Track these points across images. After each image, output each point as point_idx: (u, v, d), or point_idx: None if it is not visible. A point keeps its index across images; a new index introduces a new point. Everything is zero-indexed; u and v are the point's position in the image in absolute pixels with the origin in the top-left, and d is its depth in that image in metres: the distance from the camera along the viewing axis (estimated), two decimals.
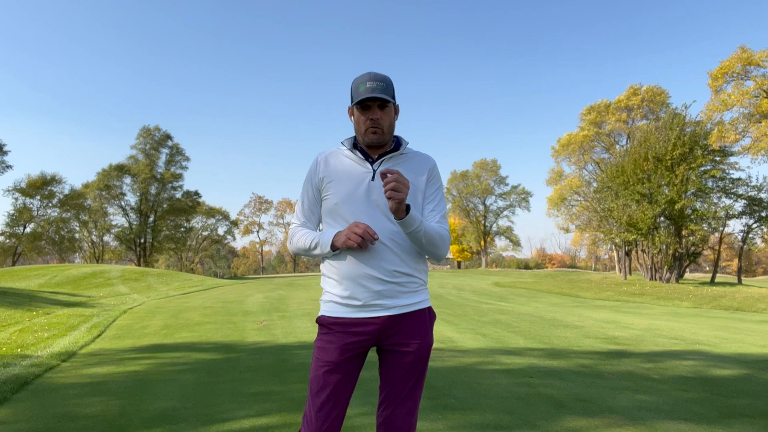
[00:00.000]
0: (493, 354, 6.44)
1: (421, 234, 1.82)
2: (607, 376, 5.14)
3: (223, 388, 4.59)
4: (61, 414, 3.83)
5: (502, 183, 63.37)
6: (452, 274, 39.99)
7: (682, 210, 27.03)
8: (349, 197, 1.88)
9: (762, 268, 78.28)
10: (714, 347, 7.12)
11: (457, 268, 61.66)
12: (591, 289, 23.34)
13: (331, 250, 1.85)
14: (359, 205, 1.87)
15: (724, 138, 27.11)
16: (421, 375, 1.91)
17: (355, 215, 1.86)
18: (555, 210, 46.44)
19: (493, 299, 18.33)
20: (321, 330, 1.93)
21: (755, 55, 26.46)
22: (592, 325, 9.63)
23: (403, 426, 1.86)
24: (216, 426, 3.50)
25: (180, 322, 9.97)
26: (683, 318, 12.27)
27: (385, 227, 1.84)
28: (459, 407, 3.92)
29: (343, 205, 1.88)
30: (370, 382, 2.49)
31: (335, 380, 1.83)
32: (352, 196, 1.88)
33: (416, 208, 1.91)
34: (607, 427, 3.51)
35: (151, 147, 53.19)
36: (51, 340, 7.48)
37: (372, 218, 1.85)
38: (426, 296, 1.97)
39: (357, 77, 1.89)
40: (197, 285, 23.56)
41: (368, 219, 1.85)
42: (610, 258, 59.28)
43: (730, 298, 18.21)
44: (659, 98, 38.80)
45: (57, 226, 49.03)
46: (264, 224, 76.14)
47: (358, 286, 1.84)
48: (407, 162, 1.96)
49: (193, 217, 58.57)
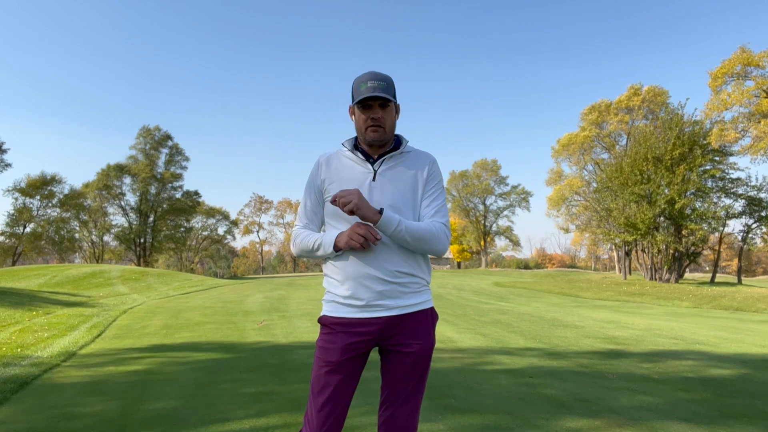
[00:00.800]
0: (493, 354, 6.44)
1: (403, 233, 1.81)
2: (607, 376, 5.14)
3: (223, 388, 4.59)
4: (61, 414, 3.83)
5: (502, 183, 63.42)
6: (452, 274, 40.00)
7: (682, 210, 27.03)
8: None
9: (762, 268, 78.30)
10: (714, 347, 7.12)
11: (457, 268, 61.69)
12: (591, 289, 23.34)
13: (333, 250, 1.85)
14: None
15: (723, 137, 27.10)
16: (422, 375, 1.90)
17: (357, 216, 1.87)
18: (555, 210, 46.47)
19: (493, 299, 18.33)
20: (323, 330, 1.93)
21: (755, 56, 26.46)
22: (592, 325, 9.63)
23: (404, 426, 1.86)
24: (216, 426, 3.50)
25: (180, 322, 9.97)
26: (683, 318, 12.27)
27: None
28: (459, 407, 3.92)
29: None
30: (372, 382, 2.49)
31: (337, 380, 1.83)
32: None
33: (411, 206, 1.91)
34: (607, 427, 3.51)
35: (151, 147, 53.20)
36: (51, 340, 7.48)
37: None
38: (428, 297, 1.97)
39: (358, 76, 1.90)
40: (197, 285, 23.55)
41: None
42: (610, 258, 59.31)
43: (730, 298, 18.21)
44: (660, 98, 38.79)
45: (57, 226, 49.04)
46: (264, 224, 76.31)
47: (360, 286, 1.84)
48: (408, 160, 1.96)
49: (193, 217, 58.58)
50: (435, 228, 1.87)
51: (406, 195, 1.90)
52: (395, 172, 1.92)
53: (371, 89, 1.83)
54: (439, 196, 1.96)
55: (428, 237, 1.84)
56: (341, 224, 1.90)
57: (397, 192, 1.89)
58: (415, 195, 1.92)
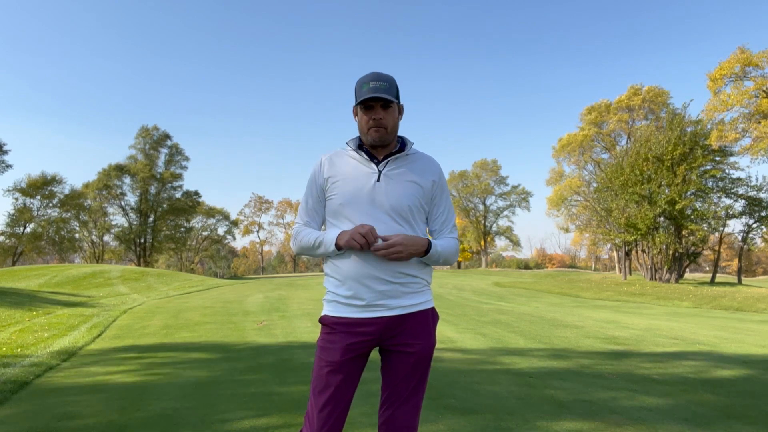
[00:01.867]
0: (493, 354, 6.44)
1: (439, 258, 1.92)
2: (607, 376, 5.13)
3: (223, 388, 4.59)
4: (61, 414, 3.83)
5: (502, 183, 63.38)
6: (452, 274, 39.98)
7: (683, 210, 27.02)
8: (354, 198, 1.87)
9: (762, 268, 78.28)
10: (714, 347, 7.12)
11: (457, 268, 61.65)
12: (591, 289, 23.33)
13: (335, 249, 1.85)
14: (363, 205, 1.86)
15: (723, 138, 27.09)
16: (423, 376, 1.90)
17: (360, 216, 1.86)
18: (555, 210, 46.46)
19: (493, 299, 18.32)
20: (324, 330, 1.93)
21: (754, 56, 26.44)
22: (592, 325, 9.63)
23: (404, 426, 1.86)
24: (216, 426, 3.50)
25: (180, 322, 9.96)
26: (683, 318, 12.27)
27: (389, 228, 1.84)
28: (459, 407, 3.92)
29: (348, 205, 1.88)
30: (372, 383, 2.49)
31: (338, 380, 1.83)
32: (357, 196, 1.87)
33: (416, 210, 1.91)
34: (607, 427, 3.50)
35: (151, 147, 53.19)
36: (51, 340, 7.48)
37: (376, 219, 1.85)
38: (429, 297, 1.98)
39: (361, 77, 1.90)
40: (197, 285, 23.54)
41: (372, 220, 1.84)
42: (610, 258, 59.29)
43: (730, 298, 18.21)
44: (660, 99, 38.78)
45: (57, 226, 49.02)
46: (264, 224, 76.18)
47: (361, 286, 1.84)
48: (412, 163, 1.96)
49: (193, 217, 58.55)
50: (456, 248, 2.00)
51: (412, 199, 1.90)
52: (400, 174, 1.92)
53: (373, 90, 1.83)
54: (450, 212, 2.05)
55: (452, 258, 1.98)
56: (343, 223, 1.90)
57: (402, 195, 1.88)
58: (420, 200, 1.92)
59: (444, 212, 2.01)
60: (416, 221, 1.91)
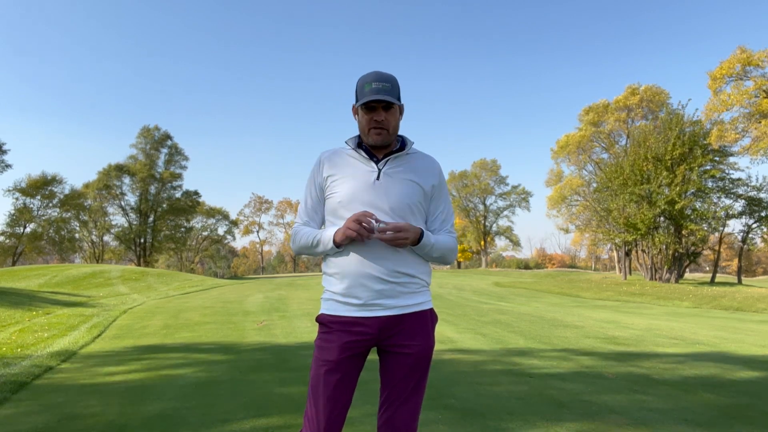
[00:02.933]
0: (493, 354, 6.44)
1: (432, 251, 1.89)
2: (608, 376, 5.13)
3: (223, 388, 4.59)
4: (61, 414, 3.83)
5: (502, 183, 63.37)
6: (452, 274, 39.97)
7: (682, 210, 27.02)
8: (353, 196, 1.87)
9: (762, 268, 78.27)
10: (714, 347, 7.11)
11: (457, 268, 61.65)
12: (591, 289, 23.33)
13: (334, 246, 1.84)
14: (363, 204, 1.85)
15: (723, 138, 27.08)
16: (422, 377, 1.89)
17: None
18: (555, 210, 46.46)
19: (493, 299, 18.32)
20: (321, 329, 1.92)
21: (754, 56, 26.42)
22: (592, 325, 9.63)
23: (404, 427, 1.84)
24: (216, 426, 3.50)
25: (180, 322, 9.96)
26: (683, 318, 12.26)
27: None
28: (459, 407, 3.92)
29: (347, 204, 1.87)
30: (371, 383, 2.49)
31: (335, 379, 1.82)
32: (356, 195, 1.87)
33: (416, 209, 1.91)
34: (608, 427, 3.50)
35: (151, 147, 53.18)
36: (51, 340, 7.48)
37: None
38: (428, 297, 1.96)
39: (362, 76, 1.89)
40: (197, 285, 23.54)
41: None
42: (610, 258, 59.29)
43: (730, 298, 18.20)
44: (659, 98, 38.74)
45: (57, 226, 49.02)
46: (264, 224, 76.09)
47: (358, 284, 1.83)
48: (412, 162, 1.96)
49: (193, 217, 58.52)
50: (453, 244, 1.98)
51: (411, 198, 1.89)
52: (400, 173, 1.91)
53: (375, 91, 1.82)
54: (449, 210, 2.03)
55: (449, 254, 1.95)
56: (342, 222, 1.89)
57: (402, 193, 1.88)
58: (419, 199, 1.91)
59: (443, 211, 2.01)
60: (416, 220, 1.91)
